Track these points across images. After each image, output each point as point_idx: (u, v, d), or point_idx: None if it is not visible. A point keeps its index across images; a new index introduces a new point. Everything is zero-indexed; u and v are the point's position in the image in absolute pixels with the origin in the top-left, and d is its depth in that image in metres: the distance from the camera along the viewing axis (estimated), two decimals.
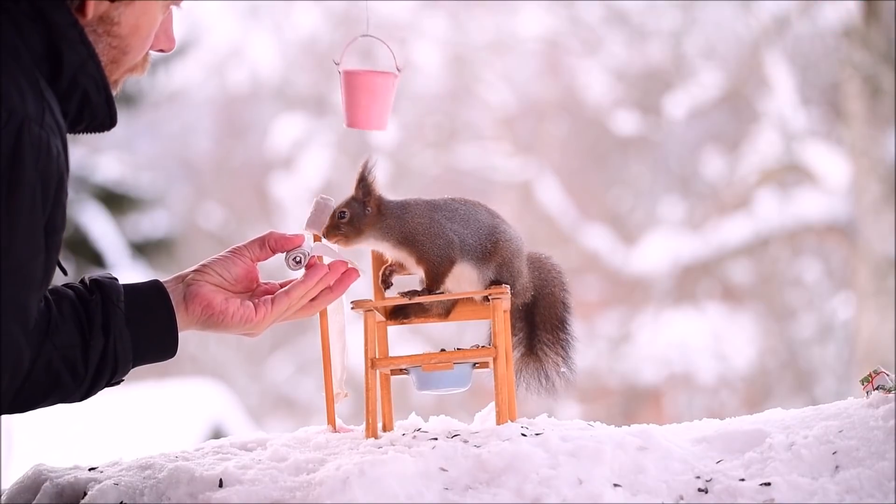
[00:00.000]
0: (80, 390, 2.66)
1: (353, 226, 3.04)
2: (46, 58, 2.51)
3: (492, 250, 3.06)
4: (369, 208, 3.05)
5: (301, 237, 2.94)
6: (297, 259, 2.95)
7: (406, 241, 3.04)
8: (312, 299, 2.89)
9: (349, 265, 2.92)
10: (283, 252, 2.94)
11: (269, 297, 2.86)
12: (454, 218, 3.07)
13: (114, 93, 2.64)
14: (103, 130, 2.66)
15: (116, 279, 2.75)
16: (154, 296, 2.74)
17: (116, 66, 2.64)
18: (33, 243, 2.44)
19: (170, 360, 2.79)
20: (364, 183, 3.06)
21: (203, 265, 2.84)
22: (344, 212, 3.04)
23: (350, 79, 3.10)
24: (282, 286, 2.90)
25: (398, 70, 3.15)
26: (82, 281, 2.72)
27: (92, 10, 2.56)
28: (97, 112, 2.60)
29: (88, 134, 2.67)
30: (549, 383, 3.16)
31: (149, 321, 2.72)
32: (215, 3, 16.23)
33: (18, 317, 2.42)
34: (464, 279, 3.06)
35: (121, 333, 2.68)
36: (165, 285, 2.77)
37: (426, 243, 3.04)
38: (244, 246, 2.92)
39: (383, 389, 3.09)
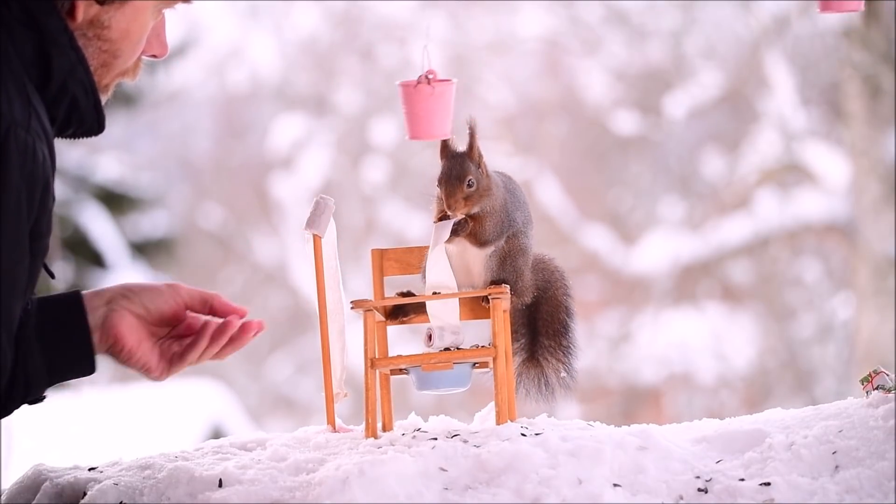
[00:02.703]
0: None
1: (479, 194, 2.98)
2: (36, 63, 2.49)
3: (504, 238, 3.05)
4: (481, 169, 3.01)
5: (243, 311, 2.78)
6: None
7: (487, 213, 3.00)
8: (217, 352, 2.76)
9: (244, 320, 2.75)
10: (220, 317, 2.75)
11: (176, 351, 2.71)
12: (514, 196, 3.07)
13: (105, 98, 2.63)
14: (91, 136, 2.64)
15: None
16: (70, 309, 2.60)
17: (107, 70, 2.62)
18: (19, 248, 2.42)
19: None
20: (476, 142, 3.00)
21: (131, 289, 2.68)
22: (472, 180, 2.96)
23: (407, 91, 3.09)
24: (201, 327, 2.73)
25: (430, 76, 3.12)
26: None
27: (82, 13, 2.54)
28: (85, 117, 2.59)
29: (77, 139, 2.65)
30: (548, 390, 3.15)
31: (62, 338, 2.57)
32: (215, 3, 16.23)
33: (3, 322, 2.42)
34: (469, 254, 3.05)
35: (30, 350, 2.54)
36: (86, 300, 2.62)
37: (491, 224, 3.01)
38: (186, 290, 2.74)
39: (383, 389, 3.08)
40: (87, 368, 2.61)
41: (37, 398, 2.60)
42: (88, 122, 2.60)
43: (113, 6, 2.57)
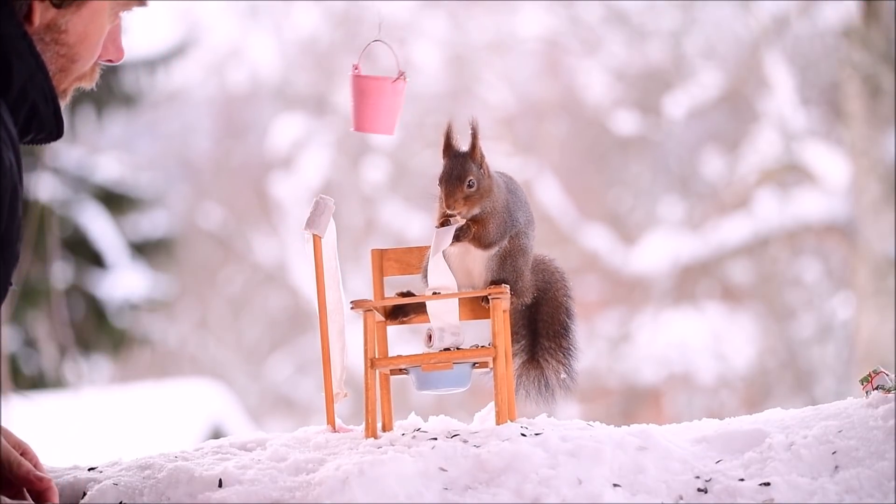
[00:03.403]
0: None
1: (479, 193, 2.99)
2: None
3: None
4: (483, 170, 3.02)
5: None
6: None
7: (489, 214, 3.01)
8: None
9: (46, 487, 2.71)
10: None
11: None
12: (515, 197, 3.07)
13: (63, 103, 2.62)
14: (50, 141, 2.63)
15: None
16: None
17: (65, 75, 2.61)
18: None
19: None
20: (477, 142, 3.01)
21: None
22: (472, 181, 2.97)
23: (357, 83, 3.09)
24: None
25: (403, 75, 3.13)
26: None
27: (39, 16, 2.54)
28: (45, 124, 2.58)
29: (35, 145, 2.64)
30: (548, 392, 3.15)
31: None
32: (215, 3, 16.23)
33: None
34: (470, 256, 3.05)
35: None
36: None
37: (494, 227, 3.01)
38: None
39: (383, 389, 3.09)
40: None
41: None
42: (48, 128, 2.59)
43: (70, 9, 2.56)
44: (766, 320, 15.21)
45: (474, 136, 3.01)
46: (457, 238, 2.99)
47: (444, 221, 3.00)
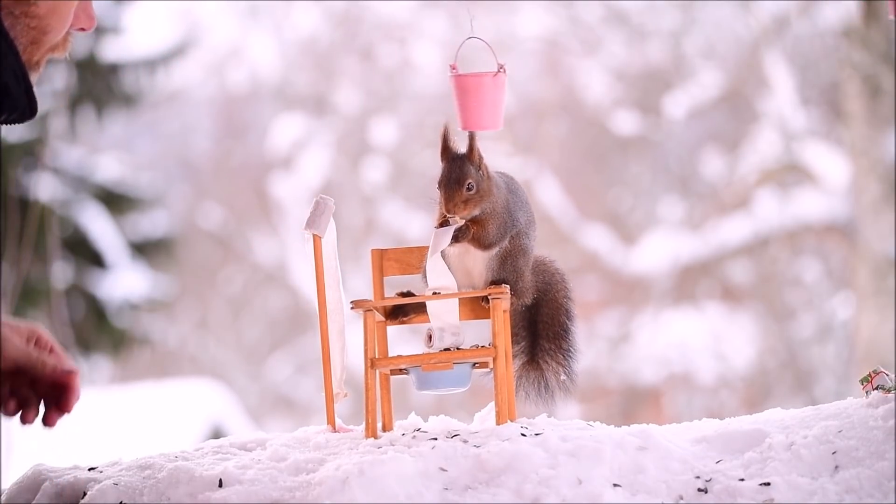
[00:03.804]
0: None
1: (479, 194, 2.98)
2: None
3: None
4: (482, 171, 3.01)
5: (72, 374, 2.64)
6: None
7: (488, 215, 3.01)
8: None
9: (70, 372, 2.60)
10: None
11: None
12: (515, 197, 3.07)
13: (35, 76, 2.58)
14: (24, 121, 2.59)
15: None
16: None
17: (36, 47, 2.58)
18: None
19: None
20: (476, 144, 3.00)
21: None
22: (471, 184, 2.96)
23: (459, 82, 3.08)
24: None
25: (502, 68, 3.12)
26: None
27: None
28: (17, 104, 2.55)
29: (8, 125, 2.62)
30: (548, 393, 3.15)
31: None
32: (215, 3, 16.23)
33: None
34: (470, 256, 3.05)
35: None
36: None
37: (493, 227, 3.01)
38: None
39: (383, 389, 3.09)
40: None
41: None
42: (20, 108, 2.56)
43: None
44: (766, 320, 15.21)
45: (472, 138, 3.01)
46: (456, 239, 2.99)
47: (443, 222, 3.00)
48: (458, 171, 2.97)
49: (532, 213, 3.11)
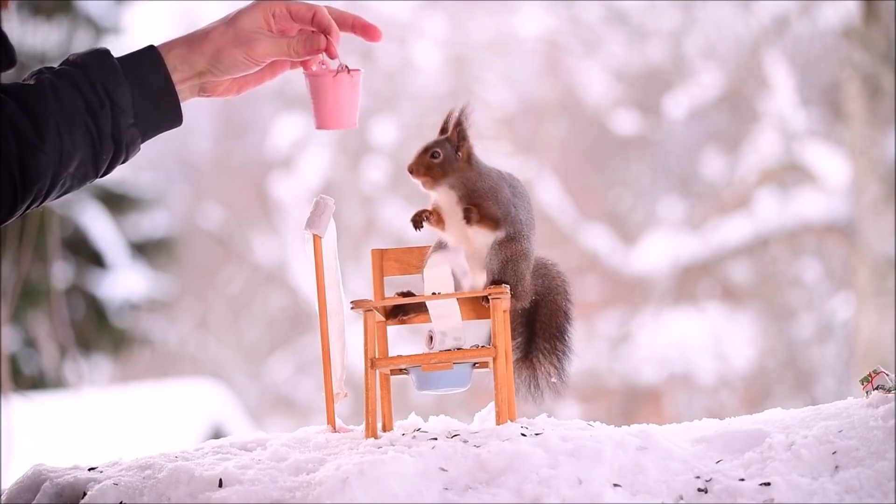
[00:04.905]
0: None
1: (442, 168, 3.02)
2: None
3: (507, 240, 3.05)
4: (460, 153, 3.04)
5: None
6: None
7: (478, 195, 3.03)
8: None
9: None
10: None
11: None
12: (516, 193, 3.09)
13: (4, 12, 2.59)
14: (2, 71, 2.60)
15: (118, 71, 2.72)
16: (162, 93, 2.89)
17: None
18: None
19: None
20: (461, 128, 3.05)
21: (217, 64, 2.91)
22: (437, 151, 3.02)
23: (313, 81, 3.09)
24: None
25: (345, 68, 3.13)
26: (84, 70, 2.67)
27: None
28: None
29: None
30: (537, 392, 3.16)
31: (155, 119, 2.90)
32: (215, 3, 16.21)
33: None
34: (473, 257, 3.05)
35: (133, 140, 2.86)
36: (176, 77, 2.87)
37: (494, 205, 3.03)
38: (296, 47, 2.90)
39: (383, 389, 3.08)
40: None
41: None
42: None
43: None
44: (767, 320, 15.21)
45: (457, 121, 3.05)
46: (468, 220, 3.02)
47: (417, 218, 3.04)
48: (432, 142, 3.05)
49: (533, 216, 3.12)
